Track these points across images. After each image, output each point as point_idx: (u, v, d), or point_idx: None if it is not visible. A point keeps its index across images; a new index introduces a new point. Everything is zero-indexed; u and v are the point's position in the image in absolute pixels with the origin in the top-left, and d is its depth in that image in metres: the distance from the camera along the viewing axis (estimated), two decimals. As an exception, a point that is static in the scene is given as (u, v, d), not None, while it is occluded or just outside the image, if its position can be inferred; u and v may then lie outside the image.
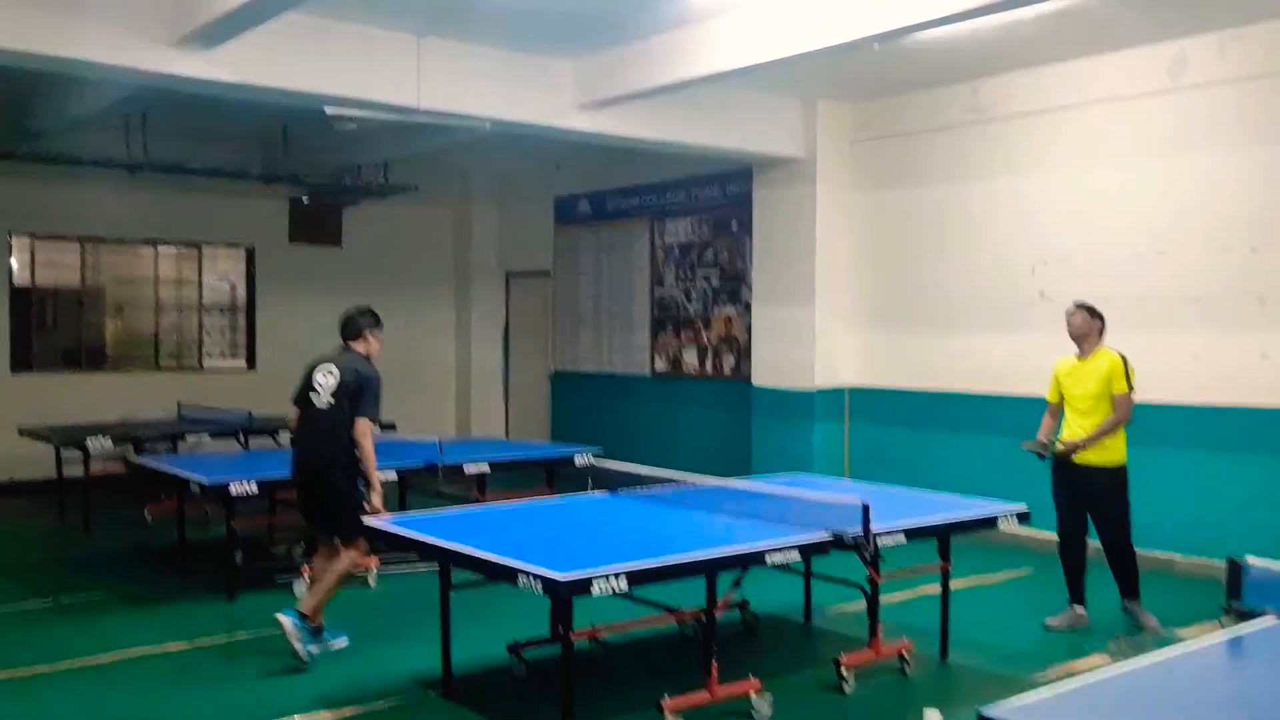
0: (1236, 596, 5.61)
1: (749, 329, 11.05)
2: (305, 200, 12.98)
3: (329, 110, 8.00)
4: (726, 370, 11.68)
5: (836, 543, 5.11)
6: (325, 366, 6.15)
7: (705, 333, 11.95)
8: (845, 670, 5.46)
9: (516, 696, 5.52)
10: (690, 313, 12.11)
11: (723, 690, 5.00)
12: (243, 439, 10.20)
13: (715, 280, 11.81)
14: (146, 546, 8.95)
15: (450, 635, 5.49)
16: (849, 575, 5.92)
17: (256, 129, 11.39)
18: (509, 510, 6.20)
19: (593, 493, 6.52)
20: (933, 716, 4.34)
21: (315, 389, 6.11)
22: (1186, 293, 8.02)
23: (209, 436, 10.25)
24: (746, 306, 11.22)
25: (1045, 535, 7.07)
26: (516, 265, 14.63)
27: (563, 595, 4.31)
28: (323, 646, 6.00)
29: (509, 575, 4.47)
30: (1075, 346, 6.67)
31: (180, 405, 11.16)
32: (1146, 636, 6.32)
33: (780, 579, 6.12)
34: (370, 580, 7.56)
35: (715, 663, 4.99)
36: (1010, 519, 5.97)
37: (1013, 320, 9.08)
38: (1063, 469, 6.64)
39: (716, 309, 11.80)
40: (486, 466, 8.19)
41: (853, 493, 5.75)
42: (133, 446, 9.61)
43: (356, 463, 6.01)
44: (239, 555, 7.47)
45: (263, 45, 7.09)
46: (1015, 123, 9.10)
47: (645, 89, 8.31)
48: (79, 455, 9.51)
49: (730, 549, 4.91)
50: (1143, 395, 6.66)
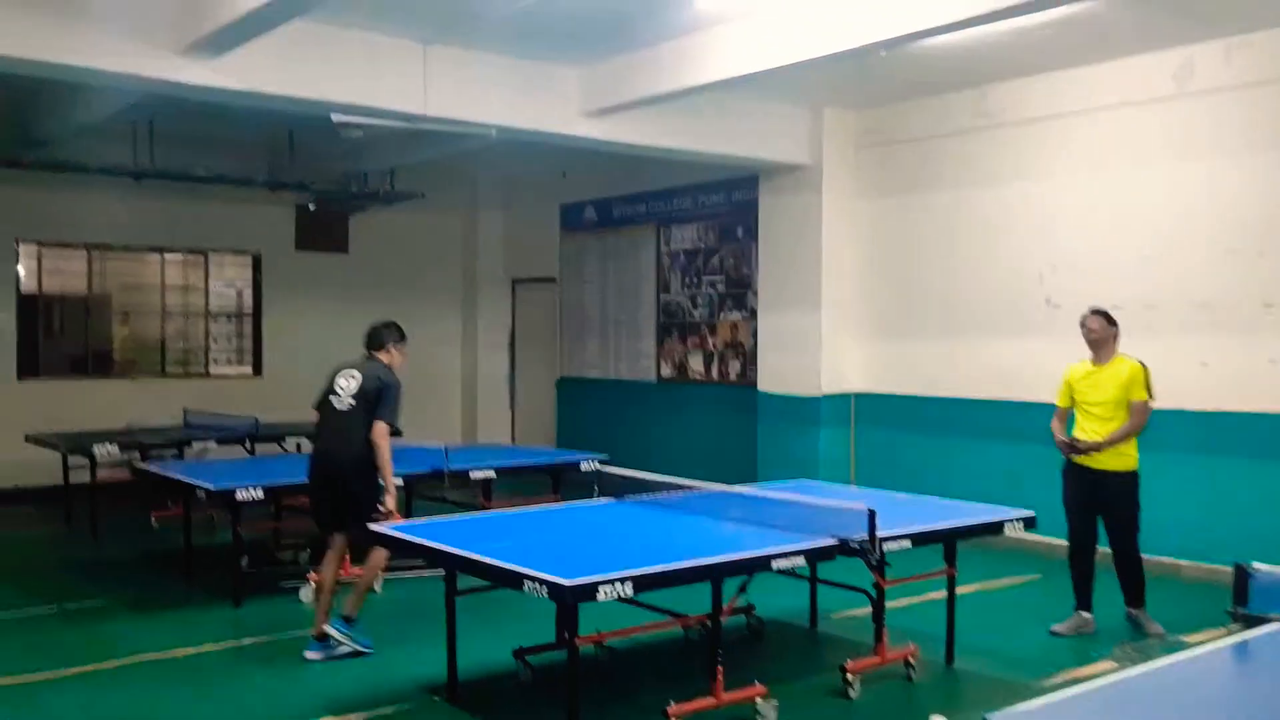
0: (1243, 602, 5.61)
1: (755, 335, 11.05)
2: (312, 207, 13.00)
3: (335, 118, 8.02)
4: (732, 376, 11.68)
5: (842, 548, 5.10)
6: (348, 371, 6.27)
7: (711, 339, 11.95)
8: (851, 676, 5.46)
9: (522, 702, 5.52)
10: (696, 319, 12.11)
11: (728, 696, 4.99)
12: (249, 445, 10.25)
13: (721, 286, 11.81)
14: (152, 552, 8.96)
15: (456, 641, 5.49)
16: (855, 581, 5.92)
17: (263, 136, 11.40)
18: (515, 516, 6.22)
19: (598, 499, 6.52)
20: (938, 722, 4.33)
21: (336, 392, 6.22)
22: (1194, 298, 8.01)
23: (215, 443, 10.27)
24: (752, 312, 11.22)
25: (1051, 541, 7.05)
26: (522, 272, 14.64)
27: (568, 601, 4.31)
28: (331, 651, 6.06)
29: (515, 581, 4.47)
30: (1084, 352, 6.66)
31: (186, 412, 11.18)
32: (1153, 642, 6.30)
33: (786, 584, 6.12)
34: (376, 586, 7.55)
35: (721, 668, 4.98)
36: (1016, 525, 5.96)
37: (1019, 326, 9.06)
38: (1076, 474, 6.63)
39: (722, 315, 11.80)
40: (493, 472, 8.18)
41: (858, 498, 5.74)
42: (139, 453, 9.60)
43: (372, 465, 6.07)
44: (245, 561, 7.47)
45: (269, 53, 7.10)
46: (1023, 129, 9.09)
47: (651, 96, 8.33)
48: (85, 462, 9.51)
49: (736, 555, 4.90)
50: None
